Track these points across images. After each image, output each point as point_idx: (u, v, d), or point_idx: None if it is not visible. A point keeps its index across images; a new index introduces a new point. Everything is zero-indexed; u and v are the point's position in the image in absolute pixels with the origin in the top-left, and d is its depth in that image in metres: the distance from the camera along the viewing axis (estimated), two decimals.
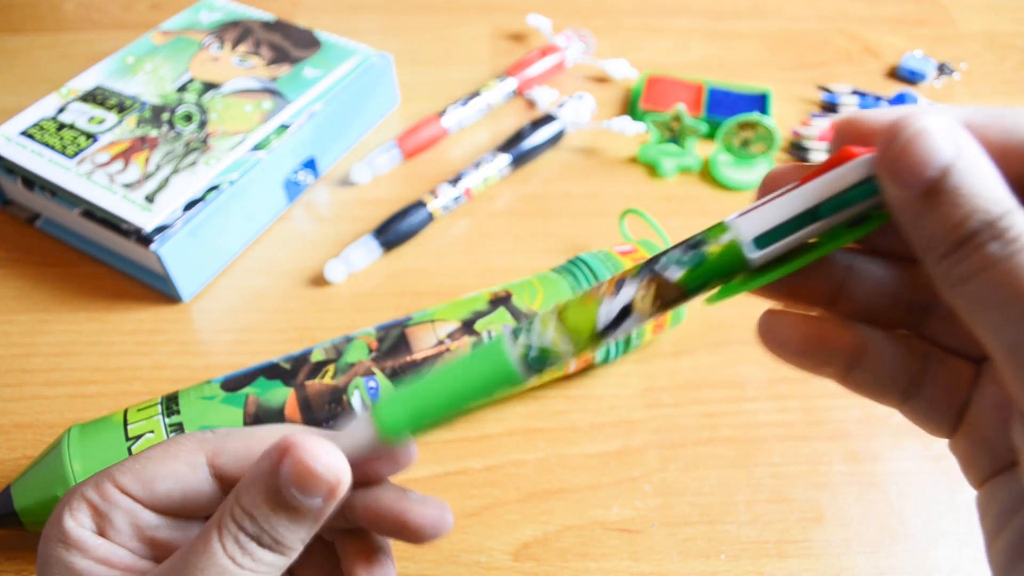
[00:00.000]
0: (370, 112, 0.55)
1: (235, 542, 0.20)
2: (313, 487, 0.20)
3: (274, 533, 0.20)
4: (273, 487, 0.20)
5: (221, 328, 0.43)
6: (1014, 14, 0.67)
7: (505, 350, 0.19)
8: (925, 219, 0.16)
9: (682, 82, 0.57)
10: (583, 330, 0.19)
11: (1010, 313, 0.15)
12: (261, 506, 0.20)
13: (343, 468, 0.20)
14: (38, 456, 0.33)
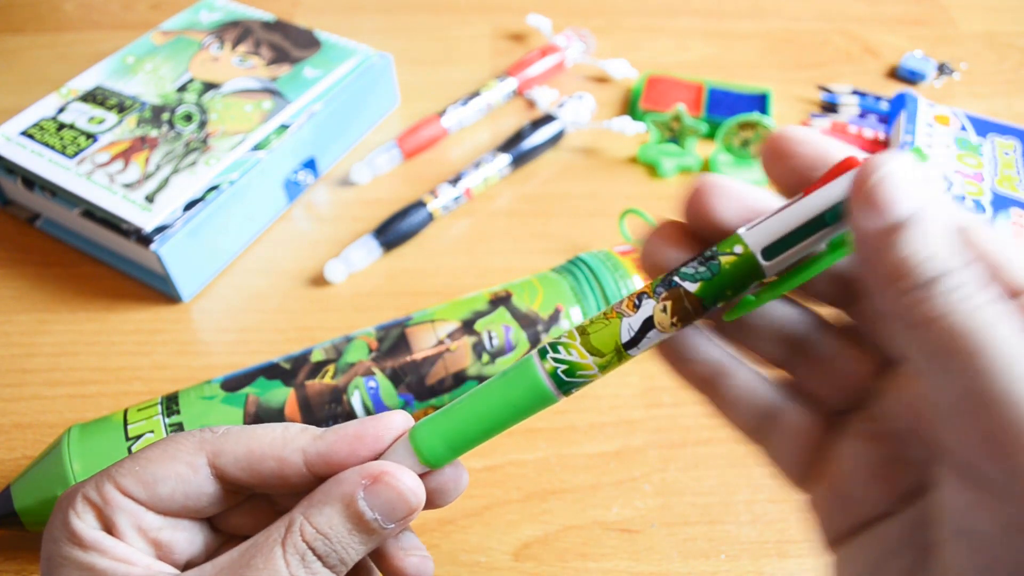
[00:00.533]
0: (370, 112, 0.55)
1: (301, 560, 0.20)
2: (400, 513, 0.21)
3: (343, 554, 0.21)
4: (355, 511, 0.20)
5: (221, 328, 0.43)
6: (1014, 14, 0.67)
7: (536, 373, 0.20)
8: (889, 253, 0.16)
9: (682, 82, 0.57)
10: (607, 347, 0.19)
11: (963, 365, 0.15)
12: (339, 528, 0.20)
13: (423, 494, 0.21)
14: (38, 456, 0.33)
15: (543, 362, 0.20)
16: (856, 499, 0.20)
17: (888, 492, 0.20)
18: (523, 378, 0.20)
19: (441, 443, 0.21)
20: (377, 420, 0.22)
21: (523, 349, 0.37)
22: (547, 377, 0.20)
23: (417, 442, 0.21)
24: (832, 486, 0.21)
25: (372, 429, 0.22)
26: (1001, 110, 0.57)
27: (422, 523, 0.35)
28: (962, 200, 0.47)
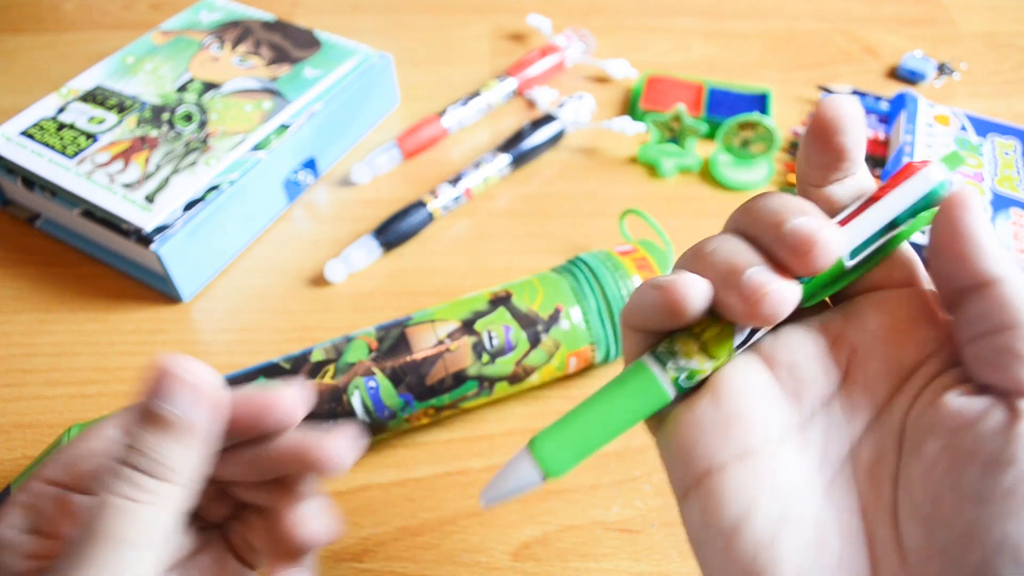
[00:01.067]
0: (370, 112, 0.55)
1: (122, 480, 0.21)
2: (175, 391, 0.20)
3: (155, 454, 0.21)
4: (143, 410, 0.21)
5: (221, 328, 0.43)
6: (1014, 14, 0.67)
7: (659, 381, 0.21)
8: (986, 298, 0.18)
9: (682, 82, 0.57)
10: (723, 352, 0.21)
11: None
12: (136, 431, 0.21)
13: (204, 372, 0.21)
14: (38, 456, 0.33)
15: (665, 372, 0.21)
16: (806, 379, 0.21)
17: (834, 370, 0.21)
18: (645, 388, 0.21)
19: (562, 452, 0.22)
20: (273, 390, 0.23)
21: (523, 349, 0.37)
22: (670, 386, 0.21)
23: (539, 452, 0.22)
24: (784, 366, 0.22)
25: (268, 395, 0.23)
26: (1001, 110, 0.57)
27: (421, 523, 0.35)
28: None
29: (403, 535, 0.35)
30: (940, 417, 0.18)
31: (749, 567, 0.19)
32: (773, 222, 0.20)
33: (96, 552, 0.19)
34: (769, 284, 0.19)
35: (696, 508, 0.20)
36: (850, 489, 0.20)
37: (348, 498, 0.36)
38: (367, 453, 0.38)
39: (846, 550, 0.19)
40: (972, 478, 0.17)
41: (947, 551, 0.17)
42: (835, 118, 0.20)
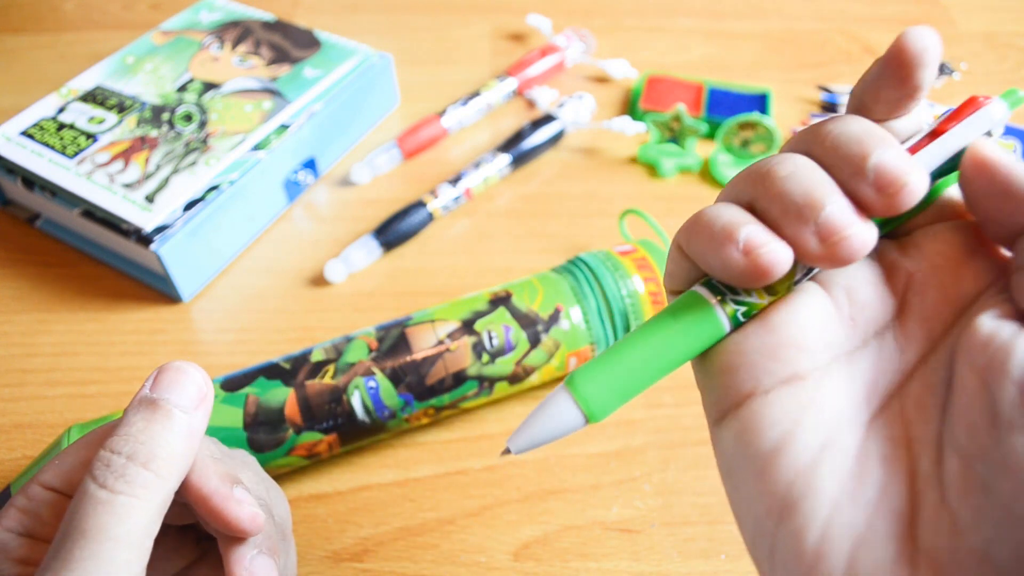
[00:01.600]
0: (370, 112, 0.55)
1: (107, 468, 0.21)
2: (165, 381, 0.22)
3: (141, 438, 0.21)
4: (146, 400, 0.22)
5: (221, 328, 0.43)
6: (1014, 14, 0.67)
7: (717, 316, 0.19)
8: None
9: (682, 82, 0.57)
10: (784, 287, 0.20)
11: None
12: (133, 421, 0.21)
13: (208, 380, 0.24)
14: (38, 456, 0.33)
15: (724, 306, 0.19)
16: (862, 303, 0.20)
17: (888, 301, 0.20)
18: (701, 322, 0.20)
19: (607, 390, 0.19)
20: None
21: (523, 349, 0.37)
22: (727, 320, 0.20)
23: (580, 390, 0.19)
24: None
25: None
26: None
27: (421, 523, 0.35)
28: None
29: (403, 535, 0.35)
30: (973, 341, 0.17)
31: (785, 494, 0.18)
32: (855, 152, 0.18)
33: (79, 549, 0.20)
34: (850, 226, 0.18)
35: (733, 431, 0.19)
36: (898, 421, 0.19)
37: (348, 498, 0.36)
38: (367, 453, 0.38)
39: (888, 484, 0.18)
40: (1006, 404, 0.16)
41: (983, 485, 0.16)
42: (920, 51, 0.18)
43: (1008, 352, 0.16)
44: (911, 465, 0.18)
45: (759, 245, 0.18)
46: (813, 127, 0.20)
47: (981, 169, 0.18)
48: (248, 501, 0.24)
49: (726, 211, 0.19)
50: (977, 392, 0.17)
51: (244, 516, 0.23)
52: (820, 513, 0.18)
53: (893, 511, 0.17)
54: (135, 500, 0.20)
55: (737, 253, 0.18)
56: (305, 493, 0.36)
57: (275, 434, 0.34)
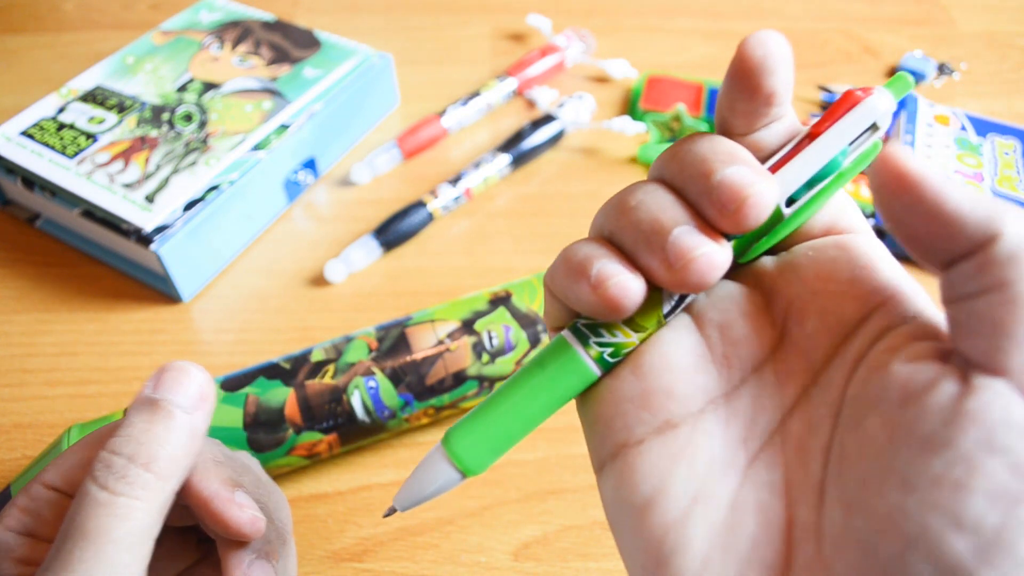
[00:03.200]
0: (370, 112, 0.55)
1: (108, 469, 0.21)
2: (166, 380, 0.22)
3: (141, 438, 0.21)
4: (147, 400, 0.22)
5: (221, 328, 0.43)
6: (1014, 14, 0.67)
7: (583, 360, 0.19)
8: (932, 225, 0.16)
9: (682, 82, 0.57)
10: (651, 323, 0.19)
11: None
12: (134, 421, 0.21)
13: (210, 380, 0.24)
14: (38, 456, 0.33)
15: (587, 349, 0.19)
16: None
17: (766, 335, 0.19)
18: (568, 369, 0.19)
19: (480, 446, 0.19)
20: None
21: (523, 349, 0.37)
22: (593, 364, 0.19)
23: (454, 449, 0.19)
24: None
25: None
26: (1001, 110, 0.57)
27: (421, 523, 0.35)
28: None
29: (403, 535, 0.35)
30: (885, 387, 0.16)
31: (658, 549, 0.17)
32: (700, 171, 0.17)
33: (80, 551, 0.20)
34: (696, 248, 0.17)
35: (610, 482, 0.19)
36: (776, 464, 0.18)
37: (348, 498, 0.36)
38: (367, 453, 0.38)
39: (761, 534, 0.17)
40: (903, 460, 0.15)
41: (863, 541, 0.15)
42: (762, 57, 0.17)
43: (921, 405, 0.15)
44: (788, 514, 0.17)
45: (607, 277, 0.18)
46: (670, 149, 0.19)
47: (900, 185, 0.16)
48: (249, 505, 0.24)
49: (585, 247, 0.19)
50: (880, 444, 0.15)
51: (244, 520, 0.23)
52: (691, 569, 0.17)
53: (765, 564, 0.17)
54: (136, 502, 0.20)
55: (587, 287, 0.18)
56: (305, 493, 0.36)
57: (275, 434, 0.34)
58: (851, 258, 0.18)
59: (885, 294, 0.18)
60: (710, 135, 0.18)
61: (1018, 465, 0.14)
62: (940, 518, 0.14)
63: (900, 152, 0.16)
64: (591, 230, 0.20)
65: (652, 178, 0.19)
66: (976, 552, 0.13)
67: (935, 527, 0.14)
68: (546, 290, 0.20)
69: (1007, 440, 0.14)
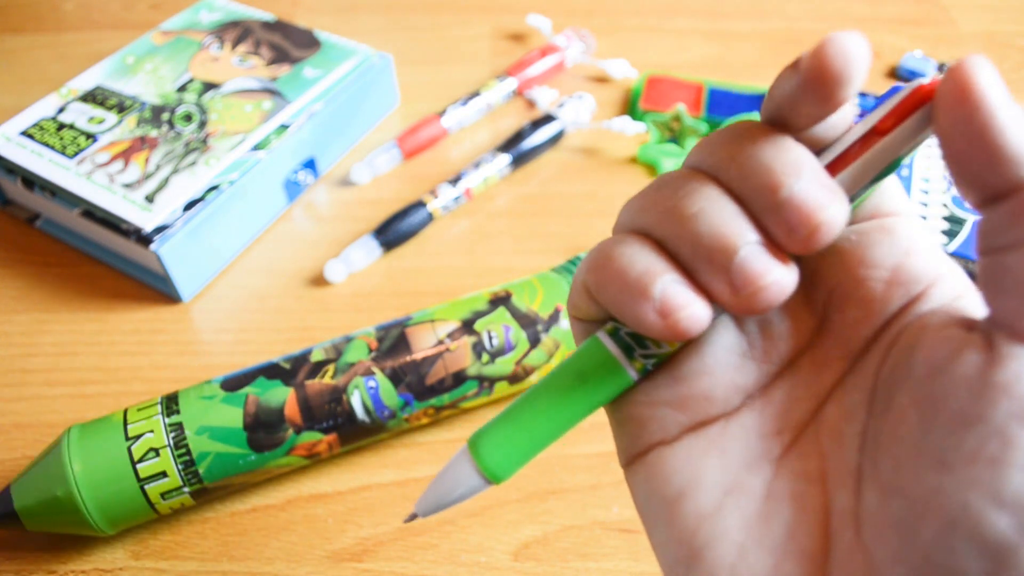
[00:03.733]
0: (370, 112, 0.55)
1: None
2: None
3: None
4: None
5: (221, 328, 0.43)
6: (1014, 14, 0.67)
7: (625, 370, 0.18)
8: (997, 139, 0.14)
9: (682, 82, 0.57)
10: None
11: None
12: None
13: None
14: (38, 456, 0.33)
15: (632, 362, 0.18)
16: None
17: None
18: (608, 379, 0.18)
19: (508, 453, 0.18)
20: None
21: (523, 349, 0.37)
22: (636, 374, 0.18)
23: (481, 454, 0.18)
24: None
25: None
26: None
27: (421, 523, 0.35)
28: (962, 201, 0.47)
29: (403, 535, 0.35)
30: (912, 362, 0.16)
31: (691, 541, 0.17)
32: (766, 184, 0.16)
33: None
34: (766, 275, 0.16)
35: (641, 476, 0.19)
36: (812, 454, 0.17)
37: (348, 498, 0.36)
38: (367, 453, 0.38)
39: (797, 524, 0.17)
40: (936, 438, 0.14)
41: (902, 524, 0.14)
42: (843, 67, 0.15)
43: (948, 378, 0.15)
44: (824, 502, 0.17)
45: (677, 308, 0.16)
46: (719, 139, 0.17)
47: (957, 98, 0.14)
48: None
49: (639, 256, 0.17)
50: (911, 423, 0.15)
51: None
52: (726, 561, 0.17)
53: (803, 553, 0.16)
54: None
55: (654, 315, 0.16)
56: (305, 493, 0.36)
57: (275, 434, 0.34)
58: (896, 242, 0.18)
59: (929, 280, 0.17)
60: (772, 135, 0.17)
61: None
62: (979, 496, 0.13)
63: (971, 64, 0.15)
64: (629, 222, 0.18)
65: (704, 174, 0.17)
66: (1020, 528, 0.13)
67: (975, 506, 0.13)
68: (583, 290, 0.19)
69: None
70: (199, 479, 0.33)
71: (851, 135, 0.17)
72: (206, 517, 0.36)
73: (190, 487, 0.33)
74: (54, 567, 0.34)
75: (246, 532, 0.35)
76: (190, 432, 0.33)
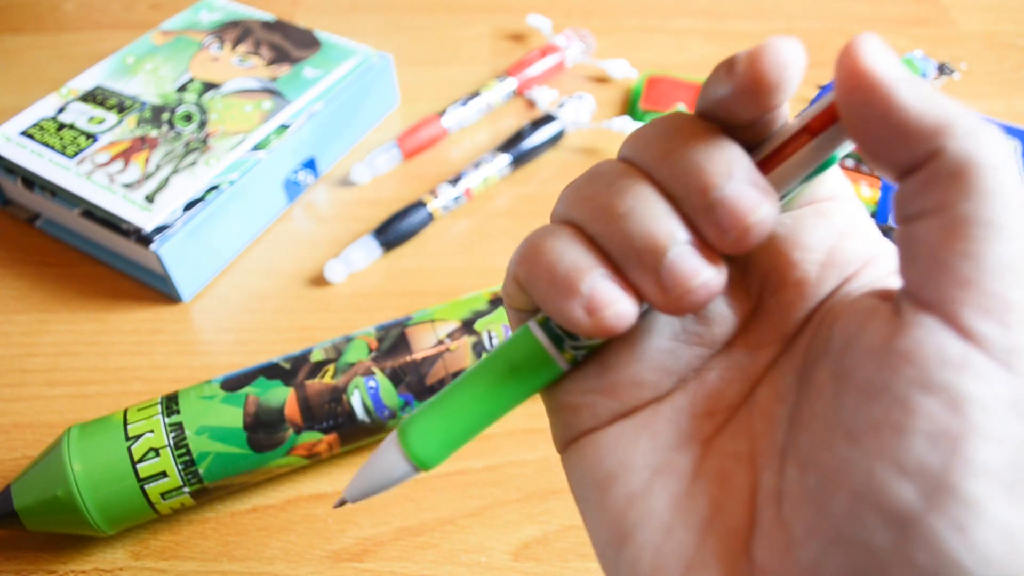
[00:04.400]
0: (370, 112, 0.55)
1: None
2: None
3: None
4: None
5: (221, 328, 0.43)
6: (1014, 14, 0.67)
7: (554, 361, 0.18)
8: (894, 113, 0.14)
9: (682, 82, 0.57)
10: None
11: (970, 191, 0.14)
12: None
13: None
14: (38, 456, 0.33)
15: (563, 353, 0.18)
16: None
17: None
18: (538, 369, 0.18)
19: (437, 441, 0.19)
20: None
21: None
22: (566, 364, 0.18)
23: (410, 442, 0.18)
24: None
25: None
26: (1001, 110, 0.57)
27: (421, 523, 0.35)
28: None
29: (403, 535, 0.35)
30: (830, 337, 0.16)
31: (620, 522, 0.17)
32: (697, 185, 0.16)
33: None
34: (695, 276, 0.16)
35: (573, 460, 0.19)
36: (743, 434, 0.17)
37: None
38: (367, 453, 0.38)
39: (723, 502, 0.17)
40: (847, 410, 0.14)
41: (816, 497, 0.14)
42: (779, 78, 0.15)
43: (856, 349, 0.15)
44: (752, 481, 0.17)
45: (604, 306, 0.16)
46: (654, 133, 0.17)
47: (855, 82, 0.14)
48: None
49: (569, 252, 0.17)
50: (827, 397, 0.15)
51: None
52: (652, 540, 0.17)
53: (727, 530, 0.16)
54: None
55: (581, 311, 0.16)
56: (305, 493, 0.36)
57: (275, 434, 0.34)
58: (830, 225, 0.18)
59: (863, 261, 0.17)
60: (705, 132, 0.16)
61: (956, 402, 0.13)
62: (883, 466, 0.13)
63: (861, 44, 0.15)
64: (563, 212, 0.18)
65: (637, 170, 0.17)
66: (922, 497, 0.13)
67: (879, 476, 0.13)
68: (513, 282, 0.19)
69: (942, 377, 0.13)
70: (199, 479, 0.33)
71: (786, 131, 0.17)
72: (206, 517, 0.36)
73: (190, 487, 0.33)
74: (54, 567, 0.34)
75: (246, 532, 0.35)
76: (190, 432, 0.33)
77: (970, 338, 0.13)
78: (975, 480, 0.13)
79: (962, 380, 0.13)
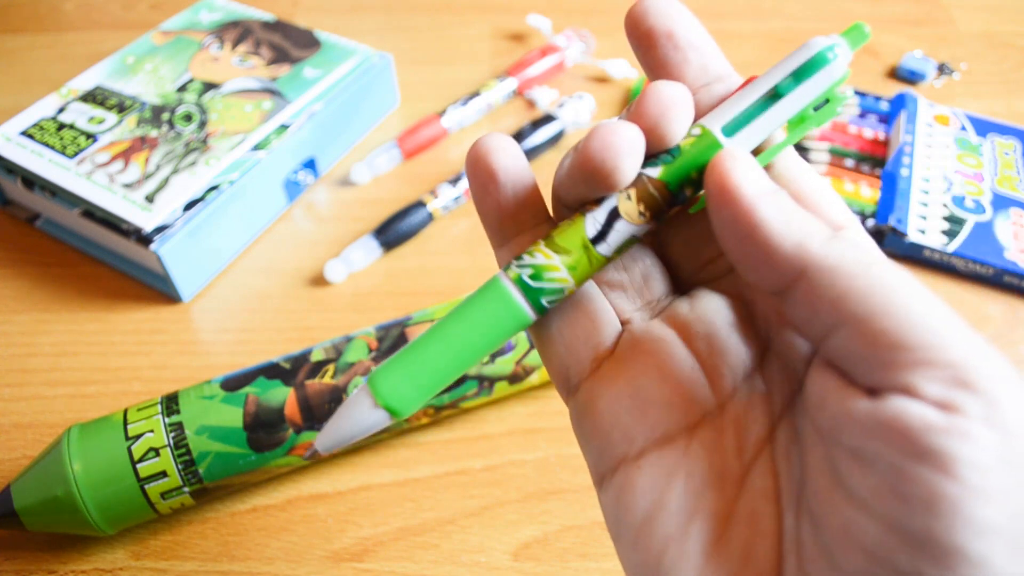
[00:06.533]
0: (370, 112, 0.55)
1: None
2: None
3: None
4: None
5: (221, 328, 0.43)
6: (1014, 14, 0.67)
7: (503, 286, 0.18)
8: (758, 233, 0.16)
9: None
10: (573, 244, 0.18)
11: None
12: None
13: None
14: (38, 456, 0.33)
15: (507, 272, 0.18)
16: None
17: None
18: (491, 296, 0.18)
19: (408, 388, 0.18)
20: None
21: (523, 349, 0.37)
22: (514, 287, 0.18)
23: (380, 390, 0.18)
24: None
25: None
26: (1001, 110, 0.57)
27: (421, 523, 0.35)
28: (962, 200, 0.47)
29: (403, 535, 0.35)
30: (808, 401, 0.16)
31: (656, 564, 0.17)
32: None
33: None
34: (611, 130, 0.17)
35: (610, 498, 0.19)
36: (769, 472, 0.18)
37: (348, 498, 0.36)
38: (367, 453, 0.38)
39: (754, 545, 0.17)
40: (842, 472, 0.15)
41: (829, 553, 0.15)
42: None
43: (840, 418, 0.15)
44: (779, 522, 0.17)
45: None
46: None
47: (721, 203, 0.15)
48: None
49: None
50: (821, 454, 0.16)
51: None
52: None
53: (758, 574, 0.16)
54: None
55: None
56: (305, 493, 0.36)
57: (275, 434, 0.34)
58: None
59: None
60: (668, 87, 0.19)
61: (948, 465, 0.13)
62: (890, 533, 0.14)
63: (727, 158, 0.15)
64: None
65: None
66: (931, 562, 0.13)
67: (888, 543, 0.14)
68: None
69: (930, 442, 0.14)
70: (199, 479, 0.33)
71: (749, 95, 0.19)
72: (206, 517, 0.36)
73: (190, 487, 0.33)
74: (54, 567, 0.34)
75: (246, 532, 0.35)
76: (190, 432, 0.33)
77: (944, 407, 0.14)
78: (980, 539, 0.13)
79: (951, 443, 0.13)
